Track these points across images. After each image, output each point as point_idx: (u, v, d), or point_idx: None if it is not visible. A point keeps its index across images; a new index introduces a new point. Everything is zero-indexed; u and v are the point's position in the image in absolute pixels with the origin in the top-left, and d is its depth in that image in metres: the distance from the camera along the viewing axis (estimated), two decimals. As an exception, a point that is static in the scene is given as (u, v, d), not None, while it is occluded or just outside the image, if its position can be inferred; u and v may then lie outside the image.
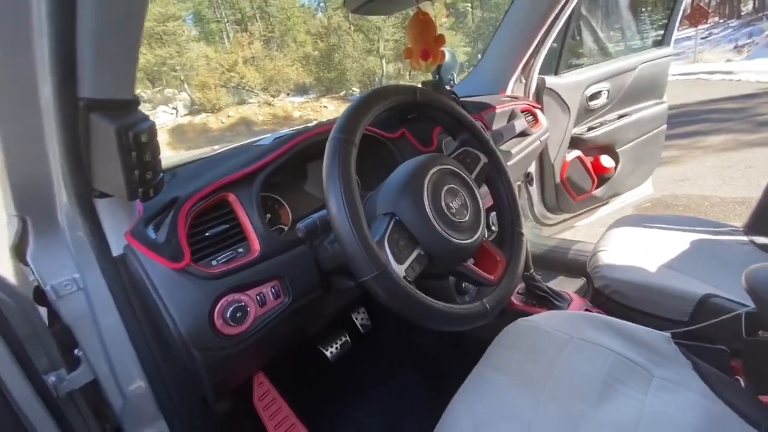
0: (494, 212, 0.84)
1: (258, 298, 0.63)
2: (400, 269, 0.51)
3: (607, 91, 1.68)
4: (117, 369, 0.68)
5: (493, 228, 1.08)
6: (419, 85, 0.83)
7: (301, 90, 20.55)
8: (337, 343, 1.21)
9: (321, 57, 20.52)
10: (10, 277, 0.62)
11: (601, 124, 1.76)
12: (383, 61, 20.90)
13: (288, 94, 19.78)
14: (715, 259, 0.95)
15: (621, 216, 1.23)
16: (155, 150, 0.52)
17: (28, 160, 0.51)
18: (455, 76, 1.61)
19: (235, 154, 0.87)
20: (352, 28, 20.61)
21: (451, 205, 0.58)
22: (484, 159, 0.70)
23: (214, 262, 0.61)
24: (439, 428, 0.62)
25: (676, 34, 1.85)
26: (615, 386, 0.63)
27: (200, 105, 17.45)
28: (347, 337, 1.24)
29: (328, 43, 20.47)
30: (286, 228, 0.83)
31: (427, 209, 0.54)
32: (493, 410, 0.61)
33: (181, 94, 17.96)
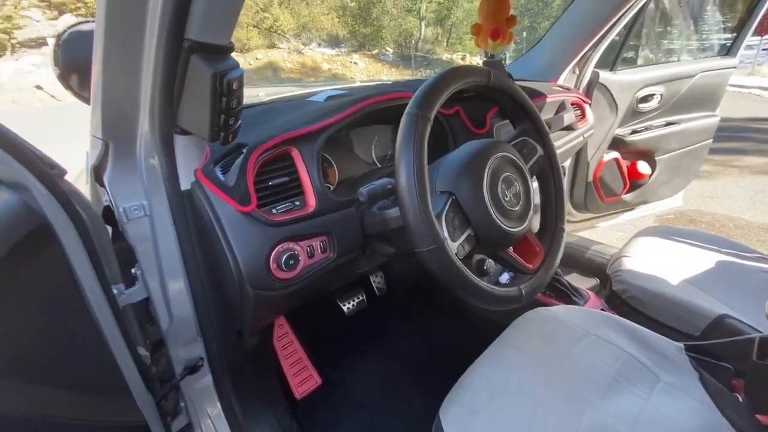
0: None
1: (308, 249, 0.67)
2: (453, 246, 0.54)
3: (660, 95, 1.63)
4: (169, 292, 0.74)
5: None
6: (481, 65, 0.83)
7: (334, 42, 19.87)
8: (354, 301, 1.28)
9: (359, 9, 19.65)
10: (86, 194, 0.67)
11: (646, 128, 1.72)
12: (422, 24, 19.98)
13: (319, 45, 19.17)
14: (737, 282, 0.97)
15: (641, 223, 1.24)
16: (241, 98, 0.54)
17: (123, 89, 0.54)
18: (507, 56, 1.58)
19: (292, 107, 0.89)
20: (396, -17, 19.56)
21: (506, 192, 0.60)
22: (540, 151, 0.71)
23: (274, 211, 0.65)
24: (454, 393, 0.68)
25: (738, 42, 1.76)
26: (622, 383, 0.67)
27: (230, 42, 17.04)
28: (364, 297, 1.31)
29: (369, -5, 19.52)
30: (331, 187, 0.86)
31: (485, 194, 0.57)
32: (507, 382, 0.66)
33: (211, 28, 17.51)
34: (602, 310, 0.97)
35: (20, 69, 10.07)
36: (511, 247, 0.67)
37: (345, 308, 1.23)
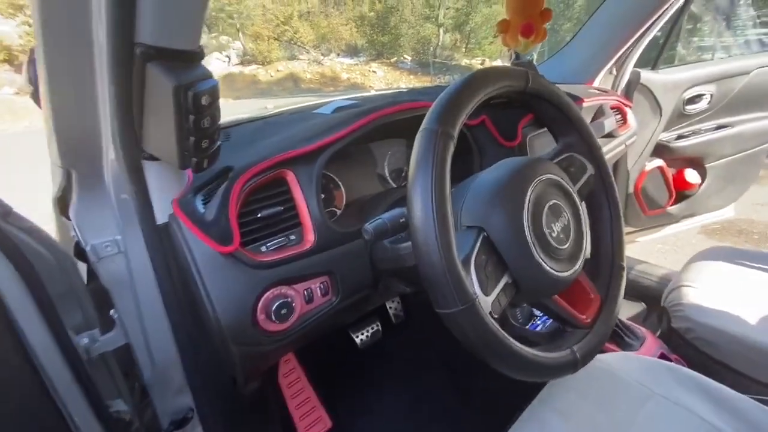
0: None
1: (305, 293, 0.56)
2: (486, 302, 0.42)
3: (711, 95, 1.45)
4: (150, 337, 0.65)
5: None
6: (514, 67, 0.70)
7: (352, 51, 20.08)
8: (367, 331, 1.15)
9: (377, 19, 19.81)
10: (52, 230, 0.58)
11: (694, 133, 1.53)
12: (441, 30, 19.93)
13: (338, 55, 19.41)
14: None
15: (685, 237, 1.07)
16: (216, 115, 0.44)
17: (76, 109, 0.45)
18: (534, 56, 1.44)
19: (293, 121, 0.78)
20: (413, -9, 19.64)
21: (553, 226, 0.47)
22: (591, 169, 0.58)
23: (263, 248, 0.55)
24: None
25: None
26: (705, 465, 0.52)
27: (252, 56, 17.48)
28: (378, 326, 1.18)
29: (386, 4, 19.66)
30: (338, 211, 0.75)
31: (527, 229, 0.44)
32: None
33: (235, 43, 17.99)
34: (663, 355, 0.81)
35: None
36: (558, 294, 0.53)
37: (357, 340, 1.11)
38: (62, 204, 0.55)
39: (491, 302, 0.42)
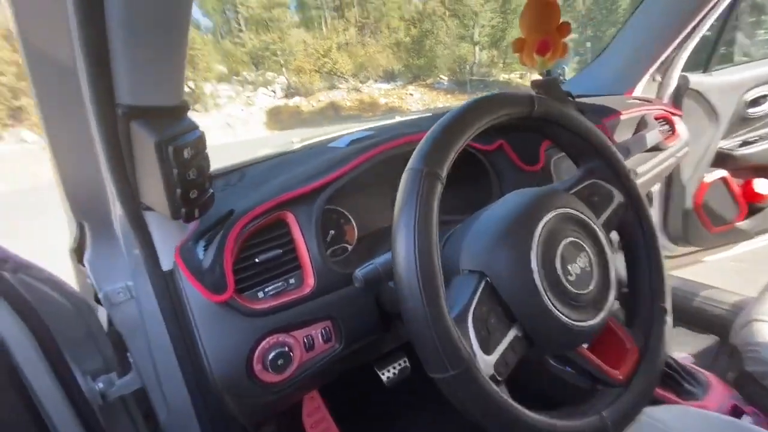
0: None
1: (305, 340, 0.53)
2: (487, 363, 0.36)
3: (778, 95, 1.28)
4: (163, 381, 0.65)
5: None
6: (531, 90, 0.65)
7: (389, 77, 20.64)
8: (395, 367, 1.09)
9: (412, 43, 20.32)
10: (72, 276, 0.61)
11: (762, 138, 1.35)
12: (476, 48, 19.97)
13: (376, 81, 20.03)
14: None
15: (764, 253, 0.90)
16: (202, 165, 0.44)
17: (80, 169, 0.47)
18: (566, 70, 1.35)
19: (305, 158, 0.78)
20: (447, 14, 19.99)
21: (570, 268, 0.41)
22: (619, 198, 0.51)
23: (261, 294, 0.53)
24: None
25: None
26: None
27: (295, 88, 18.54)
28: (407, 362, 1.12)
29: (421, 28, 20.15)
30: (349, 248, 0.73)
31: (536, 273, 0.38)
32: None
33: (279, 78, 19.23)
34: (735, 407, 0.68)
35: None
36: (585, 344, 0.46)
37: (384, 377, 1.05)
38: (79, 253, 0.57)
39: (494, 362, 0.37)
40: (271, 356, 0.50)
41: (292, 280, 0.55)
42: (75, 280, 0.63)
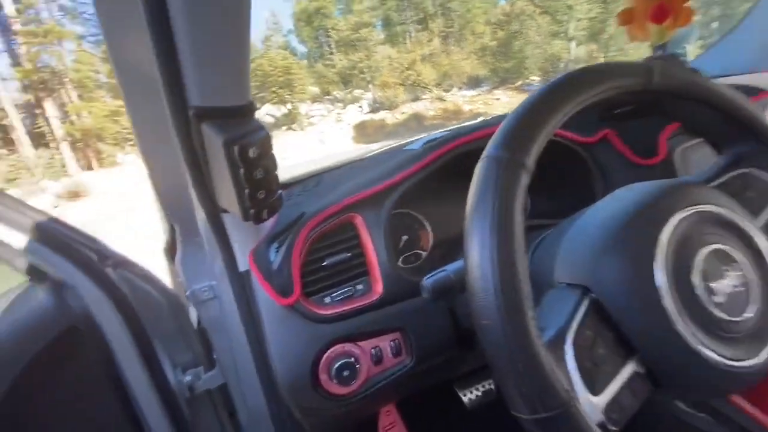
0: None
1: (373, 352, 0.50)
2: (594, 406, 0.28)
3: None
4: (242, 380, 0.67)
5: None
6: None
7: (474, 83, 20.17)
8: (478, 389, 0.99)
9: (498, 46, 19.61)
10: (166, 275, 0.67)
11: None
12: (572, 44, 18.44)
13: (460, 88, 19.75)
14: None
15: None
16: (269, 165, 0.43)
17: (168, 174, 0.50)
18: (688, 51, 1.13)
19: (379, 161, 0.76)
20: (538, 12, 18.88)
21: (714, 287, 0.30)
22: None
23: (327, 299, 0.51)
24: None
25: None
26: None
27: (380, 103, 19.22)
28: (492, 384, 1.01)
29: (509, 30, 19.34)
30: (423, 255, 0.67)
31: (663, 292, 0.29)
32: None
33: (366, 94, 20.16)
34: None
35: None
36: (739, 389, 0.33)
37: (465, 398, 0.96)
38: (171, 253, 0.62)
39: (604, 405, 0.28)
40: (336, 366, 0.48)
41: (360, 286, 0.52)
42: (169, 279, 0.69)
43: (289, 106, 18.47)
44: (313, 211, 0.54)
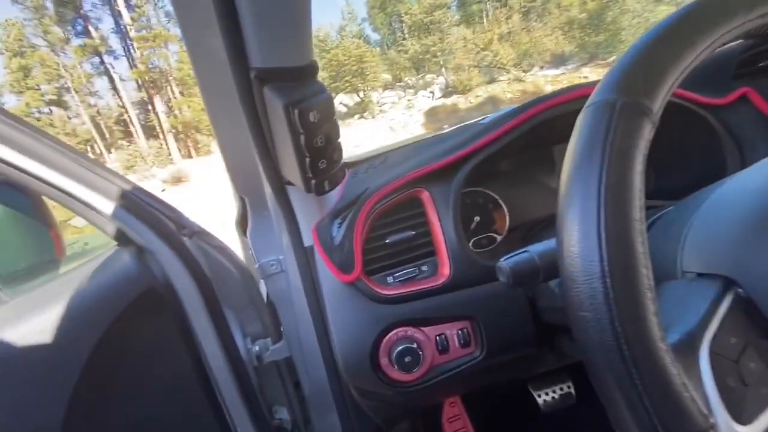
0: None
1: (438, 340, 0.45)
2: None
3: None
4: (305, 354, 0.67)
5: None
6: None
7: (558, 61, 18.49)
8: (555, 391, 0.90)
9: (588, 19, 17.65)
10: (239, 248, 0.69)
11: None
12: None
13: (542, 68, 18.27)
14: None
15: None
16: (331, 133, 0.40)
17: (236, 146, 0.50)
18: None
19: (450, 137, 0.70)
20: (638, -26, 16.58)
21: None
22: None
23: (390, 279, 0.48)
24: None
25: None
26: None
27: (453, 87, 18.61)
28: (571, 387, 0.91)
29: (601, 0, 17.29)
30: (498, 238, 0.61)
31: None
32: None
33: (438, 78, 19.66)
34: None
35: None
36: None
37: (540, 399, 0.88)
38: (242, 226, 0.64)
39: None
40: (398, 350, 0.44)
41: (425, 267, 0.48)
42: (241, 251, 0.71)
43: (361, 94, 18.78)
44: (376, 185, 0.51)
